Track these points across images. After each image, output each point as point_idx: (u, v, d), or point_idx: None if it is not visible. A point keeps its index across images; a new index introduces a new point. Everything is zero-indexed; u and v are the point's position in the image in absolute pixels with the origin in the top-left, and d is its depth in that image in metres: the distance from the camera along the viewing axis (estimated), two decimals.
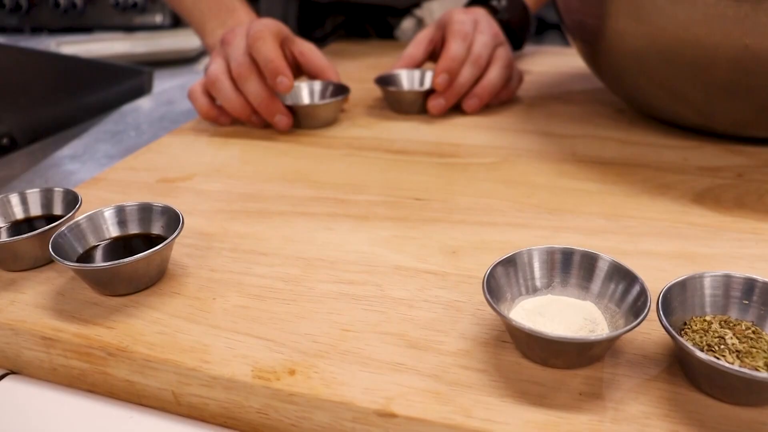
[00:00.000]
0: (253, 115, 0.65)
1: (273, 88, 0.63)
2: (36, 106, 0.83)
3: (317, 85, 0.70)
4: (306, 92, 0.70)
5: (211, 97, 0.66)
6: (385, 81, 0.72)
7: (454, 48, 0.66)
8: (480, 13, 0.72)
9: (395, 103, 0.71)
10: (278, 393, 0.31)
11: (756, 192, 0.49)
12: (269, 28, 0.64)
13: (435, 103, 0.68)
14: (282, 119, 0.64)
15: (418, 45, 0.74)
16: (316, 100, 0.69)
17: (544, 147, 0.59)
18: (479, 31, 0.69)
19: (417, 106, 0.70)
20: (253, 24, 0.65)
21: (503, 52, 0.70)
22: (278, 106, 0.64)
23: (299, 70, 0.71)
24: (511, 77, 0.72)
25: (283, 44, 0.67)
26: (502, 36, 0.72)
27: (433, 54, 0.75)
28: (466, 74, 0.67)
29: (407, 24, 1.04)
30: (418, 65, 0.74)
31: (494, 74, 0.69)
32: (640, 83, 0.59)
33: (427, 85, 0.72)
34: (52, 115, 0.85)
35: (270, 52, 0.62)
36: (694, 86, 0.54)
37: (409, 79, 0.73)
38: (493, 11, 0.76)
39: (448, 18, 0.71)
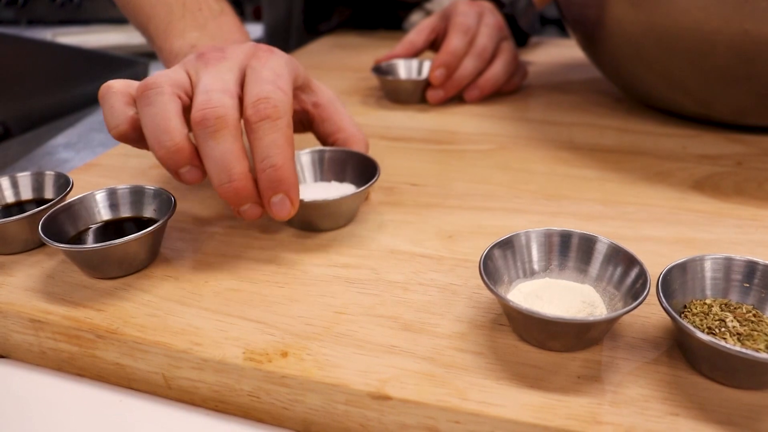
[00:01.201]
0: (186, 168, 0.36)
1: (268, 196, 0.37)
2: (30, 95, 0.83)
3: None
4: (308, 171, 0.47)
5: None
6: (383, 70, 0.71)
7: (454, 42, 0.65)
8: (486, 6, 0.71)
9: (392, 92, 0.70)
10: (270, 375, 0.30)
11: (755, 179, 0.49)
12: (289, 65, 0.41)
13: (433, 93, 0.67)
14: (254, 210, 0.37)
15: (419, 32, 0.73)
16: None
17: (542, 135, 0.59)
18: (484, 24, 0.68)
19: (415, 96, 0.68)
20: (261, 52, 0.40)
21: (508, 45, 0.69)
22: (254, 190, 0.37)
23: (306, 125, 0.48)
24: (516, 71, 0.71)
25: (297, 92, 0.44)
26: (506, 29, 0.70)
27: (434, 43, 0.73)
28: (469, 66, 0.66)
29: (416, 17, 1.03)
30: (418, 52, 0.73)
31: (498, 67, 0.68)
32: (639, 72, 0.59)
33: (425, 74, 0.71)
34: (47, 104, 0.84)
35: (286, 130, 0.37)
36: (692, 74, 0.54)
37: (407, 69, 0.72)
38: (500, 5, 0.75)
39: (452, 9, 0.70)
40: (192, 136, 0.36)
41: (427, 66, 0.71)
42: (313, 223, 0.42)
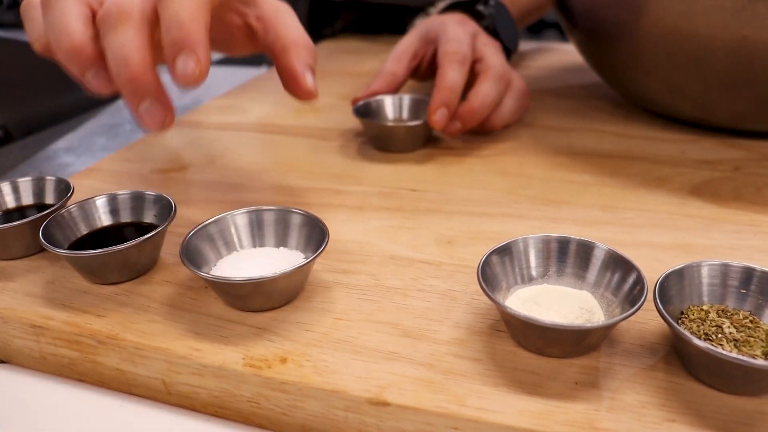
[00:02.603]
0: (91, 71, 0.34)
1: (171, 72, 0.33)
2: (31, 99, 0.83)
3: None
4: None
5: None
6: (363, 111, 0.58)
7: (450, 76, 0.54)
8: (474, 25, 0.62)
9: (380, 139, 0.57)
10: (269, 381, 0.30)
11: (754, 185, 0.49)
12: None
13: (451, 125, 0.55)
14: (154, 108, 0.33)
15: (398, 60, 0.61)
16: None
17: (541, 140, 0.59)
18: (483, 43, 0.59)
19: (411, 144, 0.57)
20: None
21: (517, 77, 0.60)
22: (157, 84, 0.33)
23: (253, 42, 0.44)
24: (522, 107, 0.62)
25: (238, 4, 0.42)
26: (503, 54, 0.62)
27: (417, 69, 0.63)
28: (492, 93, 0.55)
29: (420, 21, 1.03)
30: (401, 85, 0.61)
31: (510, 104, 0.59)
32: (637, 76, 0.59)
33: (419, 114, 0.59)
34: (48, 108, 0.84)
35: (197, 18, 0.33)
36: (691, 79, 0.54)
37: (394, 107, 0.60)
38: (478, 16, 0.65)
39: (438, 31, 0.60)
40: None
41: (412, 101, 0.60)
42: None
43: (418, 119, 0.57)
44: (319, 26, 1.07)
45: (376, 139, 0.57)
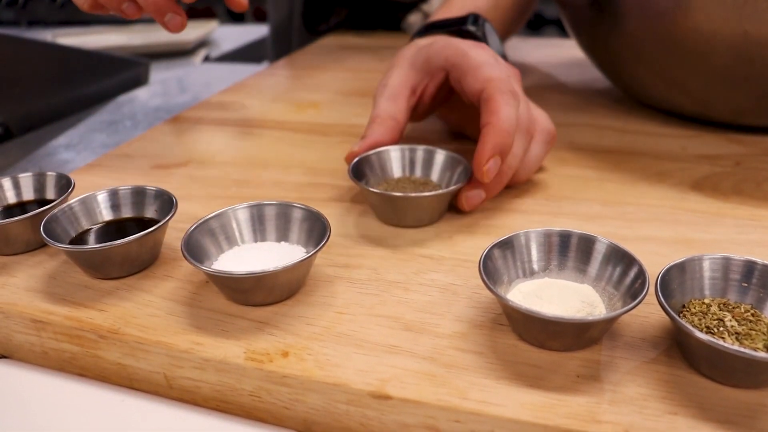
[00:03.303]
0: (126, 3, 0.51)
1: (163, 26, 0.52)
2: (31, 96, 0.83)
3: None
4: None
5: None
6: (362, 172, 0.44)
7: (506, 113, 0.41)
8: (487, 48, 0.47)
9: (394, 212, 0.42)
10: (271, 375, 0.30)
11: (754, 179, 0.49)
12: None
13: (473, 196, 0.43)
14: (174, 18, 0.52)
15: (395, 99, 0.48)
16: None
17: None
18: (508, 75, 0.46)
19: (434, 215, 0.43)
20: None
21: (541, 114, 0.49)
22: (172, 2, 0.52)
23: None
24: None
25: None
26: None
27: (418, 106, 0.51)
28: (518, 150, 0.44)
29: (414, 18, 1.03)
30: (402, 130, 0.48)
31: (538, 150, 0.47)
32: (638, 72, 0.59)
33: (432, 170, 0.46)
34: (48, 105, 0.84)
35: None
36: (692, 74, 0.54)
37: (399, 163, 0.46)
38: (470, 38, 0.53)
39: (445, 55, 0.47)
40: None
41: (421, 156, 0.46)
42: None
43: (432, 175, 0.46)
44: (314, 22, 1.07)
45: (383, 210, 0.43)
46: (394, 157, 0.46)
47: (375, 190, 0.41)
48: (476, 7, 0.61)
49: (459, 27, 0.54)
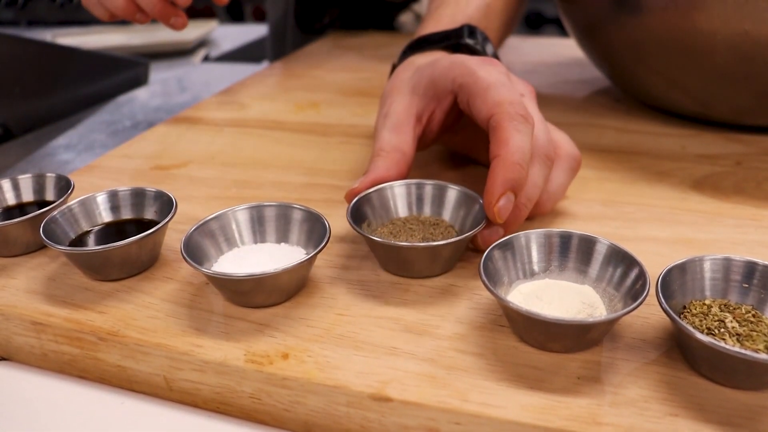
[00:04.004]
0: (138, 13, 0.64)
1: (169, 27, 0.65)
2: (31, 96, 0.83)
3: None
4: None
5: None
6: (363, 214, 0.39)
7: (517, 141, 0.36)
8: (500, 64, 0.43)
9: (403, 262, 0.37)
10: (271, 377, 0.30)
11: (755, 179, 0.49)
12: None
13: (490, 234, 0.37)
14: (177, 20, 0.64)
15: (399, 129, 0.43)
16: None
17: None
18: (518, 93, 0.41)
19: (450, 262, 0.37)
20: None
21: (563, 138, 0.44)
22: (172, 8, 0.64)
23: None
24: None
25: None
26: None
27: (424, 135, 0.45)
28: (538, 179, 0.39)
29: (405, 18, 1.03)
30: (410, 164, 0.42)
31: (561, 178, 0.42)
32: (638, 71, 0.59)
33: (447, 215, 0.40)
34: (47, 106, 0.84)
35: None
36: (692, 74, 0.54)
37: (405, 200, 0.41)
38: (469, 51, 0.50)
39: (452, 76, 0.42)
40: None
41: (430, 193, 0.41)
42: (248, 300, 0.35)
43: (443, 214, 0.41)
44: (307, 22, 1.07)
45: (388, 259, 0.37)
46: (399, 194, 0.41)
47: (377, 239, 0.35)
48: (468, 17, 0.56)
49: (456, 41, 0.50)
